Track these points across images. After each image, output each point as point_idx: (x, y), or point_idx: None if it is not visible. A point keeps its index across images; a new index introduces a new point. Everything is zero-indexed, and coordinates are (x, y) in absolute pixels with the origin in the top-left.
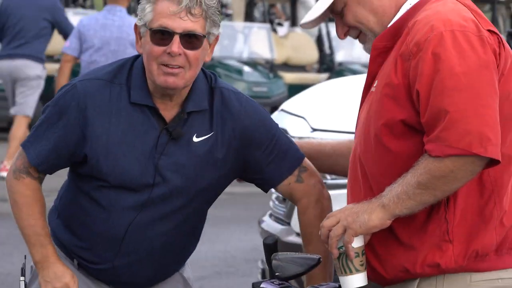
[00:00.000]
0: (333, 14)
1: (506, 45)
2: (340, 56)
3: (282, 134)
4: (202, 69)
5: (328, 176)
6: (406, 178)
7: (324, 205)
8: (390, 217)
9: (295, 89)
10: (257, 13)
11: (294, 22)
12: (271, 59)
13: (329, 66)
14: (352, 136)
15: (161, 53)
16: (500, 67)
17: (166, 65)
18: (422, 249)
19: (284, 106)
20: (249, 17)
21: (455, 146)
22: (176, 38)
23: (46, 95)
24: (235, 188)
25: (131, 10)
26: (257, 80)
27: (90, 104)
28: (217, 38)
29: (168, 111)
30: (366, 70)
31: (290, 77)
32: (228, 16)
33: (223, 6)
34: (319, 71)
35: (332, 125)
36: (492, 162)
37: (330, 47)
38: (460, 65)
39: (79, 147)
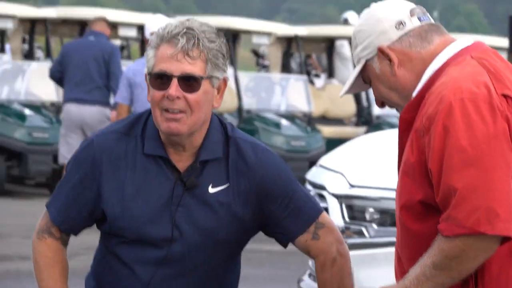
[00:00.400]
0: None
1: None
2: (377, 109)
3: (299, 188)
4: (218, 118)
5: (367, 234)
6: (423, 258)
7: (341, 263)
8: None
9: (333, 143)
10: (293, 64)
11: (330, 73)
12: (309, 112)
13: (367, 119)
14: (390, 192)
15: (162, 97)
16: None
17: (167, 110)
18: None
19: (322, 161)
20: (285, 68)
21: (463, 225)
22: (174, 81)
23: None
24: (274, 246)
25: None
26: (295, 134)
27: (106, 159)
28: (225, 83)
29: (182, 162)
30: None
31: (328, 130)
32: (265, 68)
33: (260, 56)
34: (357, 124)
35: (370, 181)
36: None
37: (368, 99)
38: (468, 137)
39: (97, 203)
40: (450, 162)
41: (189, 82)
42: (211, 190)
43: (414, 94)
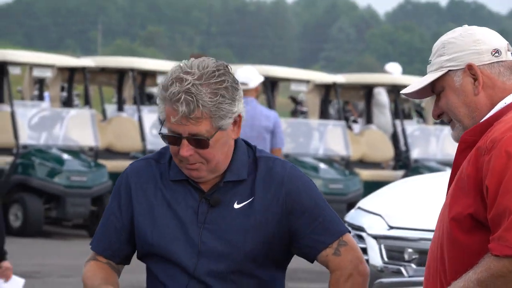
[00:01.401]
0: (433, 92)
1: None
2: (415, 153)
3: (326, 204)
4: (245, 141)
5: (405, 273)
6: (468, 274)
7: (357, 280)
8: None
9: (371, 186)
10: (332, 111)
11: (368, 119)
12: (347, 156)
13: (405, 163)
14: (428, 234)
15: (177, 152)
16: None
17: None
18: None
19: (361, 204)
20: (324, 114)
21: (509, 246)
22: (184, 142)
23: None
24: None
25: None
26: (333, 177)
27: (134, 183)
28: (239, 117)
29: (208, 183)
30: (441, 167)
31: (366, 174)
32: (303, 114)
33: (298, 103)
34: (395, 168)
35: (409, 223)
36: None
37: (406, 144)
38: None
39: (132, 226)
40: (509, 184)
41: (198, 141)
42: (236, 206)
43: (483, 119)
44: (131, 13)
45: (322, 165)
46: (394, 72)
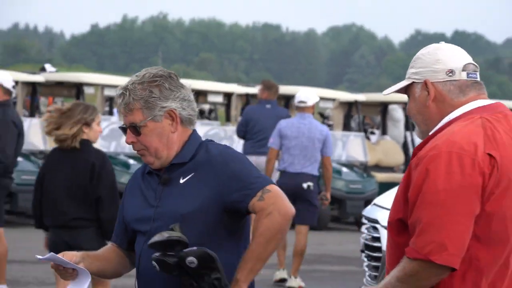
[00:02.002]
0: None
1: (504, 167)
2: None
3: (250, 168)
4: (203, 140)
5: None
6: (393, 271)
7: (276, 218)
8: None
9: (385, 186)
10: (353, 124)
11: (384, 131)
12: (365, 161)
13: None
14: None
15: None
16: (488, 187)
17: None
18: None
19: (376, 201)
20: (346, 127)
21: (420, 252)
22: (128, 131)
23: None
24: (334, 267)
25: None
26: (353, 179)
27: (130, 183)
28: (173, 112)
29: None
30: None
31: (381, 176)
32: (330, 126)
33: (325, 118)
34: (405, 171)
35: None
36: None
37: None
38: (445, 183)
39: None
40: (423, 198)
41: (135, 129)
42: (181, 181)
43: (431, 132)
44: (186, 42)
45: (344, 169)
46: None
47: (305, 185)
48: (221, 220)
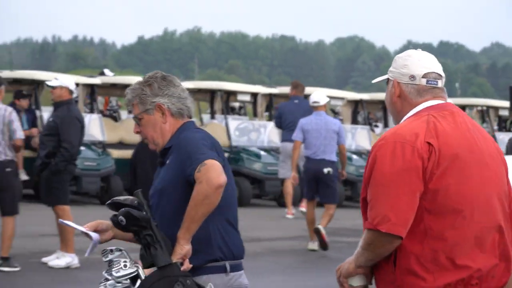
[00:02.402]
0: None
1: (443, 151)
2: None
3: (201, 150)
4: (191, 131)
5: None
6: (360, 240)
7: (203, 187)
8: (356, 266)
9: None
10: (359, 118)
11: (386, 124)
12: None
13: None
14: None
15: None
16: (428, 169)
17: None
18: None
19: None
20: (354, 121)
21: (371, 223)
22: (135, 123)
23: None
24: (351, 239)
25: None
26: (361, 164)
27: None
28: (161, 107)
29: None
30: None
31: None
32: (340, 121)
33: (336, 113)
34: None
35: None
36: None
37: None
38: (389, 166)
39: None
40: (373, 179)
41: (136, 119)
42: (168, 162)
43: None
44: (217, 51)
45: (354, 156)
46: None
47: (325, 170)
48: (188, 192)
